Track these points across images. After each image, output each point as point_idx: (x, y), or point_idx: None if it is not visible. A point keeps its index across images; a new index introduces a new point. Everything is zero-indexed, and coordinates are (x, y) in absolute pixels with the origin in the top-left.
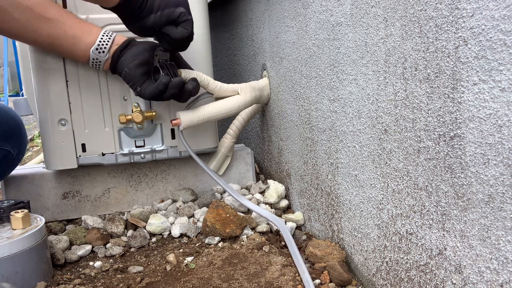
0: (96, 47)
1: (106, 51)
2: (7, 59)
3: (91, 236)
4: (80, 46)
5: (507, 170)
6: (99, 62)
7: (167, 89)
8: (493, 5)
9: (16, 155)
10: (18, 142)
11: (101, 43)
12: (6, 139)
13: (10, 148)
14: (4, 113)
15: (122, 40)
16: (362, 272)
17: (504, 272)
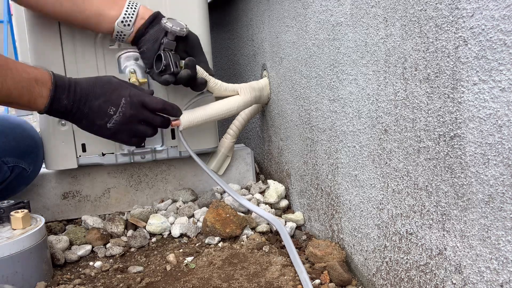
0: (122, 20)
1: (132, 24)
2: None
3: (91, 236)
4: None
5: (507, 170)
6: (124, 35)
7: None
8: (493, 5)
9: (31, 172)
10: (34, 159)
11: (126, 16)
12: (23, 156)
13: (25, 165)
14: (22, 130)
15: (147, 14)
16: (362, 272)
17: (504, 272)
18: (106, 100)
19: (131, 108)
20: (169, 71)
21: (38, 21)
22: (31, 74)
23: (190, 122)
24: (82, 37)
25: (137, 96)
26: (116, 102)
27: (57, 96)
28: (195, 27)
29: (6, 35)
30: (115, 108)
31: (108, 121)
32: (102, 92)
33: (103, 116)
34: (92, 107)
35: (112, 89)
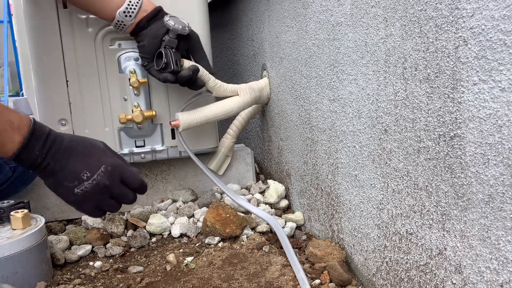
0: (124, 10)
1: (133, 15)
2: (7, 59)
3: (91, 236)
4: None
5: (507, 170)
6: (124, 25)
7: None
8: (493, 5)
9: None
10: None
11: (129, 7)
12: None
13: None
14: None
15: (149, 7)
16: (362, 272)
17: (504, 272)
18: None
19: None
20: (169, 69)
21: (38, 21)
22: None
23: (189, 123)
24: (82, 37)
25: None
26: (94, 168)
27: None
28: (195, 27)
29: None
30: (90, 174)
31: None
32: (81, 152)
33: (74, 178)
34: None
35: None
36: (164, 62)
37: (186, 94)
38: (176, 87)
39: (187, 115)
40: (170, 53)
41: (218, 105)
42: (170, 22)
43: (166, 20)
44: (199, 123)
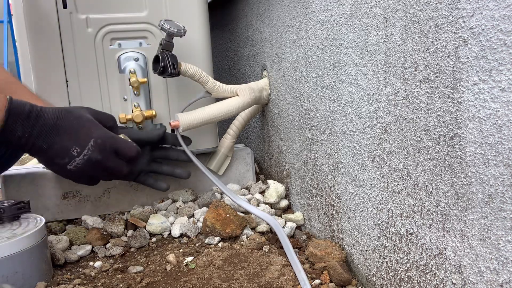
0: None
1: None
2: (7, 59)
3: (91, 236)
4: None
5: (507, 170)
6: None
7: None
8: (493, 5)
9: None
10: None
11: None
12: None
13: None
14: None
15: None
16: (362, 272)
17: (504, 272)
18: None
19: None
20: (167, 72)
21: (38, 21)
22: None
23: (189, 124)
24: (82, 37)
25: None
26: (83, 143)
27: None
28: (195, 28)
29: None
30: (79, 149)
31: (69, 162)
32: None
33: (64, 155)
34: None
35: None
36: (161, 66)
37: (186, 94)
38: (176, 87)
39: (187, 115)
40: (167, 57)
41: (218, 106)
42: (165, 25)
43: (162, 24)
44: (199, 124)
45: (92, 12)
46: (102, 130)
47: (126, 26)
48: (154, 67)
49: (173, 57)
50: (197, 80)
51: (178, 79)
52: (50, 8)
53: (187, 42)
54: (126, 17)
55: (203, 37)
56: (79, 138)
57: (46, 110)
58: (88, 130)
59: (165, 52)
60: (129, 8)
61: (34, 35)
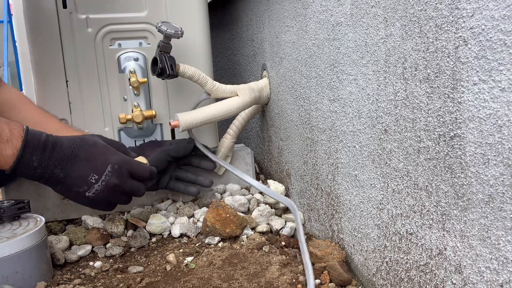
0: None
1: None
2: (7, 59)
3: (91, 236)
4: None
5: (507, 170)
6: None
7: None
8: (493, 5)
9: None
10: None
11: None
12: None
13: None
14: None
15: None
16: (362, 272)
17: (504, 272)
18: (88, 166)
19: (116, 177)
20: (165, 74)
21: (38, 21)
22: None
23: (189, 124)
24: (82, 37)
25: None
26: (100, 170)
27: (26, 158)
28: (195, 28)
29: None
30: (97, 176)
31: (88, 190)
32: (85, 156)
33: (82, 184)
34: (70, 173)
35: (98, 154)
36: (159, 68)
37: (185, 94)
38: (176, 88)
39: (186, 115)
40: (165, 58)
41: (218, 106)
42: (163, 27)
43: (159, 25)
44: (199, 124)
45: (92, 12)
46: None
47: (126, 26)
48: (152, 69)
49: (171, 59)
50: (196, 81)
51: (178, 79)
52: (50, 8)
53: (187, 42)
54: (126, 17)
55: (203, 37)
56: (97, 165)
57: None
58: (105, 156)
59: (163, 53)
60: (129, 8)
61: (34, 35)
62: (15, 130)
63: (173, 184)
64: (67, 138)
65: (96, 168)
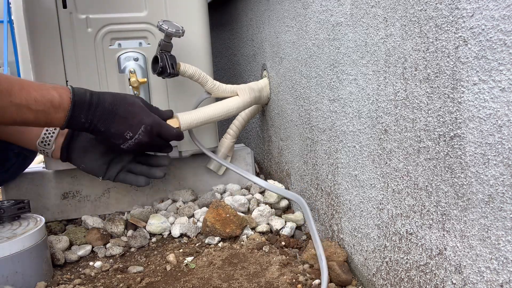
0: (42, 140)
1: (52, 143)
2: (7, 59)
3: (91, 236)
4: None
5: (507, 170)
6: (47, 153)
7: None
8: (493, 5)
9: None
10: None
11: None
12: None
13: (27, 152)
14: None
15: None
16: (362, 272)
17: (504, 272)
18: (125, 124)
19: (148, 136)
20: (165, 73)
21: (38, 21)
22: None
23: (189, 124)
24: (82, 37)
25: (156, 126)
26: (135, 129)
27: (75, 116)
28: (195, 28)
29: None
30: (132, 133)
31: (123, 143)
32: (123, 114)
33: (119, 138)
34: (110, 128)
35: (135, 114)
36: (160, 66)
37: (185, 94)
38: (176, 87)
39: (186, 115)
40: (166, 57)
41: (218, 105)
42: (164, 26)
43: (160, 24)
44: (199, 124)
45: (92, 12)
46: (151, 117)
47: (126, 26)
48: (153, 67)
49: (172, 58)
50: (196, 80)
51: (178, 79)
52: (50, 8)
53: (187, 42)
54: (126, 17)
55: (203, 37)
56: (133, 124)
57: (104, 98)
58: (140, 118)
59: (164, 52)
60: (129, 8)
61: (34, 35)
62: (64, 94)
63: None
64: (110, 95)
65: (132, 127)
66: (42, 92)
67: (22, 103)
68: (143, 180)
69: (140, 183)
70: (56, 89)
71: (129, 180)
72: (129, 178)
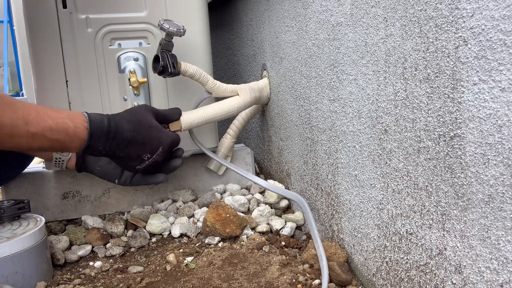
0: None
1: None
2: (7, 59)
3: (91, 236)
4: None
5: (507, 170)
6: (62, 161)
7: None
8: (493, 5)
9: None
10: None
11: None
12: None
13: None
14: None
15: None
16: (362, 272)
17: (504, 272)
18: (145, 149)
19: (163, 155)
20: (166, 72)
21: (38, 21)
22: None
23: (190, 123)
24: (82, 37)
25: (170, 145)
26: (154, 151)
27: (91, 145)
28: (195, 28)
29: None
30: (150, 155)
31: (139, 164)
32: (142, 141)
33: (137, 160)
34: (129, 154)
35: (153, 138)
36: (161, 65)
37: (185, 94)
38: (175, 87)
39: (188, 115)
40: (167, 56)
41: (219, 105)
42: (165, 25)
43: (161, 23)
44: (200, 124)
45: (92, 12)
46: (169, 138)
47: (126, 26)
48: (154, 66)
49: (173, 57)
50: (197, 79)
51: (178, 79)
52: (50, 8)
53: (187, 42)
54: (126, 17)
55: (203, 37)
56: (152, 147)
57: (122, 125)
58: (159, 140)
59: (165, 51)
60: (129, 8)
61: (34, 35)
62: (79, 124)
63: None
64: (127, 121)
65: (151, 150)
66: (57, 121)
67: (38, 132)
68: (162, 176)
69: (159, 179)
70: (70, 118)
71: (146, 181)
72: (145, 179)
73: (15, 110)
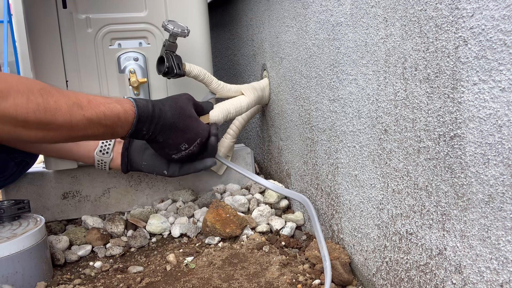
0: (100, 149)
1: (110, 151)
2: (7, 59)
3: (91, 236)
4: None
5: (507, 170)
6: (105, 163)
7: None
8: (493, 5)
9: (31, 162)
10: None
11: (104, 144)
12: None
13: (28, 158)
14: None
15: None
16: (362, 272)
17: (504, 272)
18: (183, 137)
19: (199, 148)
20: (172, 73)
21: (38, 21)
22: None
23: (216, 119)
24: (82, 37)
25: (205, 137)
26: (191, 142)
27: (138, 129)
28: (195, 28)
29: (6, 35)
30: (187, 145)
31: (176, 153)
32: (183, 128)
33: (174, 148)
34: (168, 140)
35: (193, 128)
36: (166, 67)
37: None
38: (175, 87)
39: (217, 110)
40: (172, 57)
41: (232, 102)
42: (169, 26)
43: (165, 24)
44: (222, 119)
45: (92, 12)
46: (205, 131)
47: (126, 26)
48: (158, 68)
49: (178, 58)
50: (201, 80)
51: (177, 79)
52: (50, 8)
53: (187, 42)
54: (126, 17)
55: (203, 37)
56: (190, 137)
57: (165, 111)
58: (197, 131)
59: (169, 52)
60: (129, 8)
61: (34, 35)
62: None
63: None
64: (170, 107)
65: (189, 139)
66: (109, 106)
67: (93, 117)
68: (209, 161)
69: (208, 164)
70: (119, 103)
71: (194, 168)
72: (193, 166)
73: (68, 96)
